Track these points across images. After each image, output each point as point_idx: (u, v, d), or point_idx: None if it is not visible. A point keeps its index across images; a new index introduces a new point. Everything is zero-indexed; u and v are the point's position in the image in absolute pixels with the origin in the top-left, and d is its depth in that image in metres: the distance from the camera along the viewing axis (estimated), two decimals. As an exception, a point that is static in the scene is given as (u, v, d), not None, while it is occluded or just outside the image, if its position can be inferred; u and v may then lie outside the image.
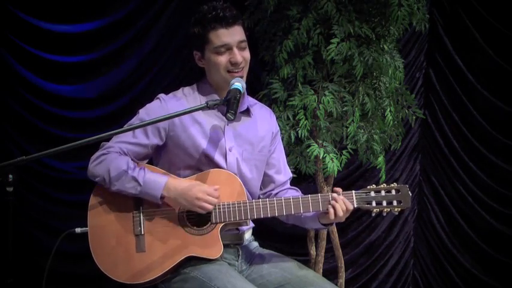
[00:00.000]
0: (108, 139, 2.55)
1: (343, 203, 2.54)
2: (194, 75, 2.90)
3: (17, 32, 4.22)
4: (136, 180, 2.52)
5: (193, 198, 2.51)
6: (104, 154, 2.59)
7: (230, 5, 2.68)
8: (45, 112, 4.33)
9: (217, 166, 2.63)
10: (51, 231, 4.17)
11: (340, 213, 2.53)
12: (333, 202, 2.54)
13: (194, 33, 2.67)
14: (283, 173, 2.87)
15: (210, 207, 2.52)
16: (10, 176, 2.29)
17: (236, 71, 2.64)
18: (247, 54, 2.68)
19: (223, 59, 2.64)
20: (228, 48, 2.63)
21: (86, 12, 4.32)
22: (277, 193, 2.83)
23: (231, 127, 2.69)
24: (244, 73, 2.67)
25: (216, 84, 2.71)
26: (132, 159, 2.61)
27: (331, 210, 2.53)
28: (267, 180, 2.82)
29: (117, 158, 2.57)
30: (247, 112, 2.75)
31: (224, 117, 2.56)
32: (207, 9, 2.65)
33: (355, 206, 2.57)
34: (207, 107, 2.49)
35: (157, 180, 2.54)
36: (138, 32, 4.41)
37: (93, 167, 2.59)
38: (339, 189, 2.59)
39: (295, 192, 2.83)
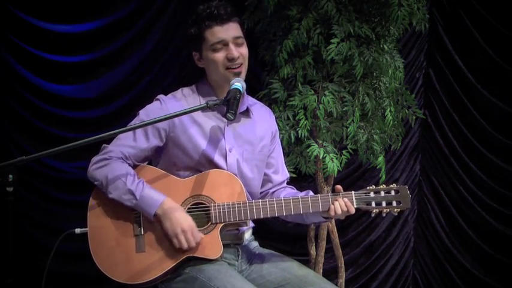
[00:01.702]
0: (108, 139, 2.54)
1: (344, 205, 2.56)
2: (194, 75, 2.90)
3: (17, 32, 4.21)
4: (133, 193, 2.51)
5: (179, 229, 2.48)
6: (105, 159, 2.58)
7: (226, 3, 2.68)
8: (45, 112, 4.32)
9: (217, 167, 2.63)
10: (51, 231, 4.16)
11: (340, 212, 2.55)
12: (335, 202, 2.55)
13: (191, 34, 2.68)
14: (281, 173, 2.88)
15: (185, 245, 2.49)
16: (10, 176, 2.28)
17: (234, 67, 2.63)
18: (244, 50, 2.67)
19: (220, 56, 2.63)
20: (224, 44, 2.63)
21: (86, 12, 4.31)
22: (274, 191, 2.83)
23: (231, 128, 2.69)
24: (243, 70, 2.66)
25: (216, 84, 2.71)
26: (133, 165, 2.61)
27: (332, 207, 2.55)
28: (264, 179, 2.82)
29: (117, 166, 2.56)
30: (246, 112, 2.75)
31: (224, 118, 2.57)
32: (202, 9, 2.66)
33: (355, 206, 2.58)
34: (207, 107, 2.50)
35: (154, 198, 2.52)
36: (139, 32, 4.40)
37: (93, 170, 2.59)
38: (340, 188, 2.60)
39: (292, 191, 2.83)
